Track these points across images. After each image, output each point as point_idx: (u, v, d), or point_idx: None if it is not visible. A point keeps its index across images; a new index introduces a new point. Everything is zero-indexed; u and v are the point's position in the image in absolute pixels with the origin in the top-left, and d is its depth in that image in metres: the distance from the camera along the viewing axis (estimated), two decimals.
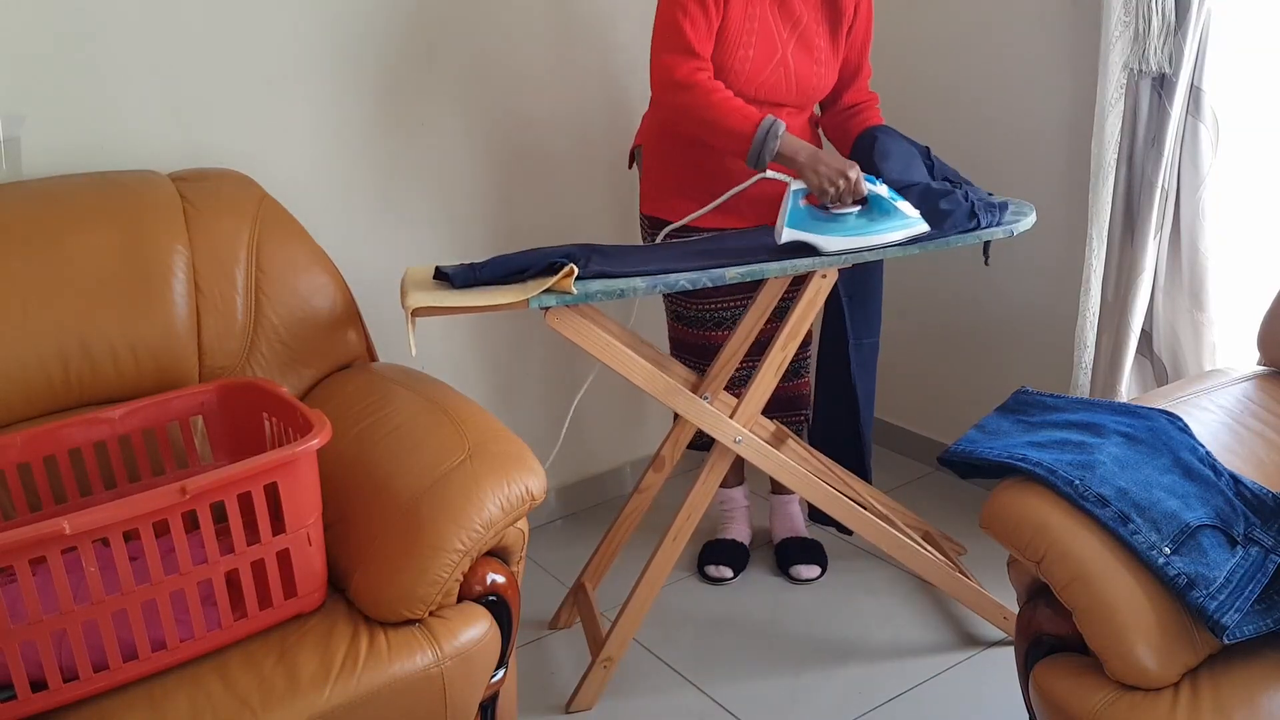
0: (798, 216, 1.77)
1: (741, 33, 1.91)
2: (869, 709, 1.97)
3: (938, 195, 1.86)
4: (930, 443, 2.78)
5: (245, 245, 1.83)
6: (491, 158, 2.37)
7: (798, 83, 1.98)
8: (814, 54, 1.99)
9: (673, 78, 1.86)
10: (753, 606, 2.28)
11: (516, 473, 1.55)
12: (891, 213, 1.78)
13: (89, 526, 1.28)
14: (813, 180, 1.78)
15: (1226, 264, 2.03)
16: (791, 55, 1.95)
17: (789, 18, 1.94)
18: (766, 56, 1.93)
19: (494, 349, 2.49)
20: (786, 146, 1.82)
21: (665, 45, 1.88)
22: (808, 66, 1.98)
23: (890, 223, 1.78)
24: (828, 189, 1.78)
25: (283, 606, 1.49)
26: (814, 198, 1.80)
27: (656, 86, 1.90)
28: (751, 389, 1.96)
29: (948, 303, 2.68)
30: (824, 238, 1.77)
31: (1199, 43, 1.93)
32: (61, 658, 1.33)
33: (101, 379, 1.71)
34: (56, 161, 1.86)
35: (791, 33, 1.94)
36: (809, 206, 1.79)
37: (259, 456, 1.41)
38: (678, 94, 1.87)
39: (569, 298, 1.69)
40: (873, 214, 1.78)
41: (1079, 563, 1.33)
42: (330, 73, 2.12)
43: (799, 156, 1.81)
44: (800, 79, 1.97)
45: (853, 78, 2.10)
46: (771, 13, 1.93)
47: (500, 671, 1.60)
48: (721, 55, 1.91)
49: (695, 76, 1.85)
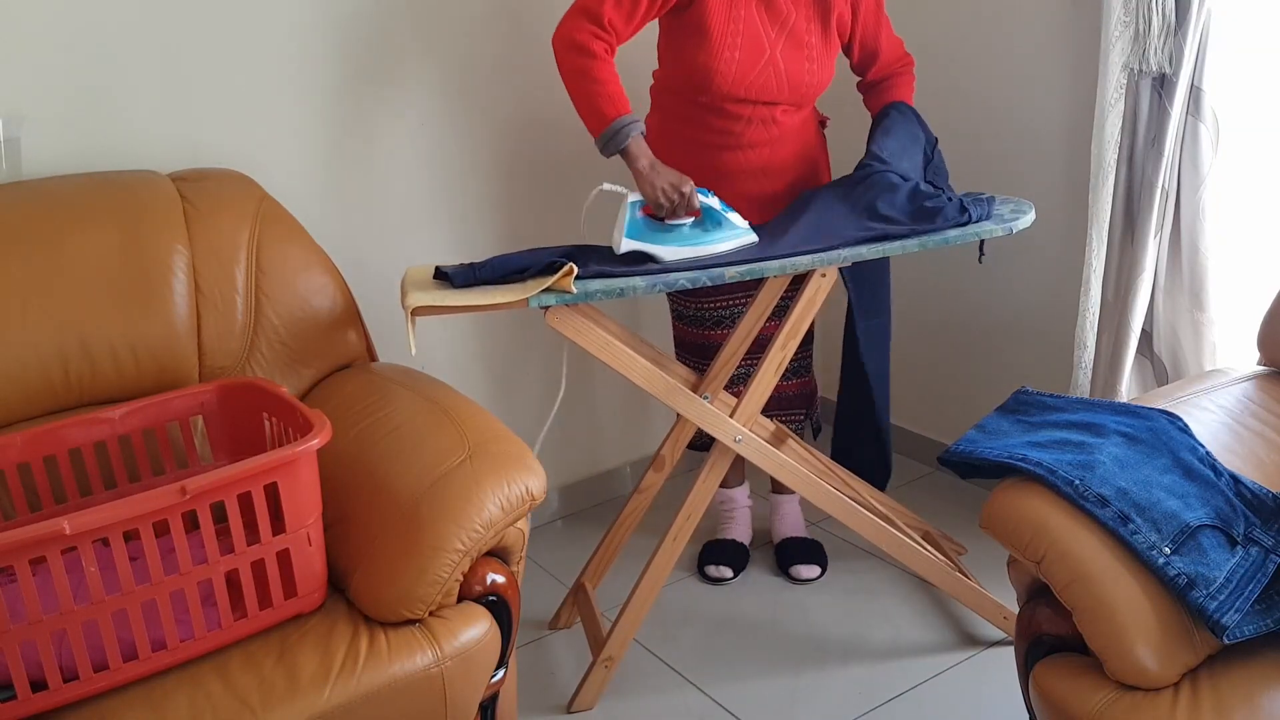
0: (635, 227, 1.84)
1: (726, 34, 1.90)
2: (869, 709, 1.97)
3: (924, 196, 1.88)
4: (930, 443, 2.78)
5: (245, 245, 1.83)
6: (492, 158, 2.37)
7: (789, 81, 1.97)
8: (805, 51, 1.98)
9: (573, 38, 1.86)
10: (753, 606, 2.28)
11: (516, 473, 1.55)
12: (723, 224, 1.85)
13: (89, 526, 1.28)
14: (648, 192, 1.86)
15: (1226, 264, 2.03)
16: (781, 55, 1.95)
17: (776, 18, 1.94)
18: (754, 57, 1.93)
19: (494, 349, 2.49)
20: (630, 152, 1.88)
21: (583, 3, 1.87)
22: (799, 65, 1.97)
23: (721, 233, 1.85)
24: (662, 201, 1.85)
25: (283, 606, 1.49)
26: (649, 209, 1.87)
27: (556, 39, 1.89)
28: (751, 388, 1.96)
29: (948, 303, 2.68)
30: (661, 247, 1.82)
31: (1199, 43, 1.93)
32: (61, 658, 1.33)
33: (101, 379, 1.71)
34: (56, 161, 1.86)
35: (780, 32, 1.94)
36: (645, 218, 1.86)
37: (259, 456, 1.41)
38: (570, 55, 1.87)
39: (569, 297, 1.69)
40: (705, 225, 1.85)
41: (1079, 563, 1.33)
42: (330, 72, 2.12)
43: (638, 164, 1.88)
44: (792, 77, 1.97)
45: (872, 58, 2.10)
46: (758, 14, 1.93)
47: (500, 671, 1.60)
48: (706, 57, 1.91)
49: (593, 45, 1.86)
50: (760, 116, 1.98)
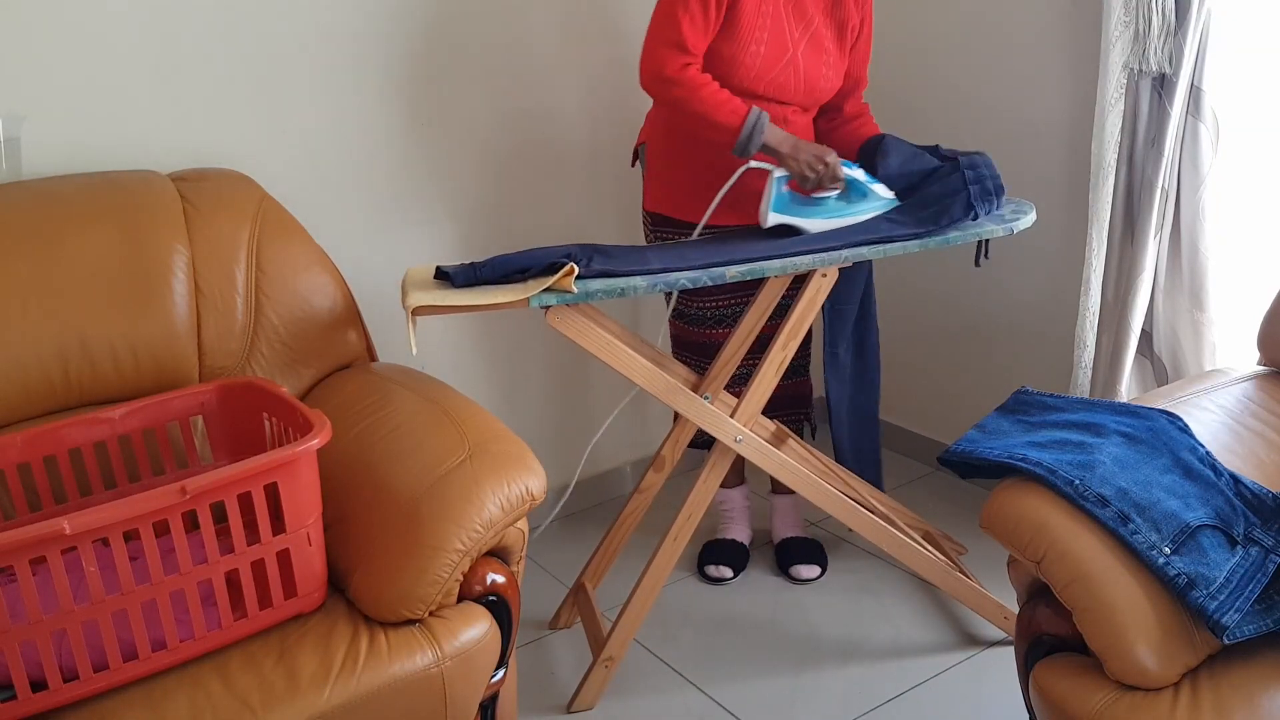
0: (781, 202, 1.89)
1: (754, 28, 1.92)
2: (869, 709, 1.97)
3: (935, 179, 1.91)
4: (930, 443, 2.78)
5: (245, 245, 1.83)
6: (492, 157, 2.37)
7: (806, 82, 1.99)
8: (823, 56, 2.00)
9: (663, 73, 1.89)
10: (753, 606, 2.29)
11: (516, 473, 1.55)
12: (868, 194, 1.90)
13: (89, 526, 1.28)
14: (794, 167, 1.88)
15: (1226, 264, 2.03)
16: (802, 55, 1.97)
17: (801, 18, 1.96)
18: (777, 54, 1.94)
19: (494, 349, 2.49)
20: (770, 137, 1.89)
21: (661, 38, 1.90)
22: (817, 68, 1.99)
23: (867, 204, 1.89)
24: (808, 174, 1.88)
25: (283, 606, 1.49)
26: (795, 183, 1.90)
27: (645, 77, 1.93)
28: (752, 388, 1.96)
29: (948, 302, 2.68)
30: (807, 220, 1.88)
31: (1199, 43, 1.93)
32: (61, 658, 1.33)
33: (101, 379, 1.71)
34: (56, 161, 1.86)
35: (803, 33, 1.96)
36: (791, 192, 1.90)
37: (259, 456, 1.41)
38: (667, 88, 1.90)
39: (569, 297, 1.69)
40: (850, 196, 1.90)
41: (1079, 563, 1.33)
42: (330, 72, 2.12)
43: (782, 146, 1.90)
44: (809, 79, 1.99)
45: (854, 88, 2.14)
46: (785, 11, 1.95)
47: (500, 671, 1.60)
48: (733, 49, 1.92)
49: (685, 73, 1.89)
50: (772, 116, 1.99)
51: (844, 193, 1.90)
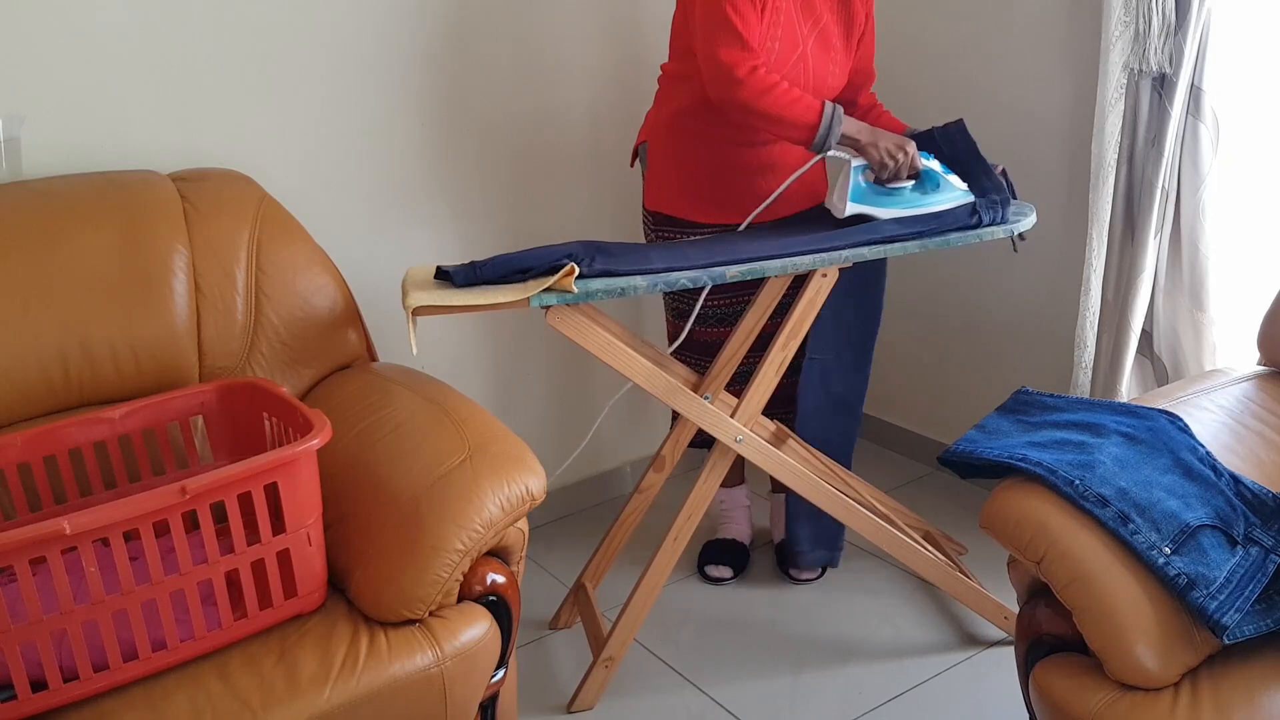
0: (859, 191, 1.90)
1: (772, 25, 1.92)
2: (869, 709, 1.97)
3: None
4: (930, 443, 2.78)
5: (245, 245, 1.83)
6: (492, 156, 2.36)
7: (815, 80, 1.99)
8: (830, 53, 2.00)
9: (734, 75, 1.84)
10: (753, 606, 2.28)
11: (516, 473, 1.55)
12: (942, 185, 1.90)
13: (89, 526, 1.28)
14: (874, 156, 1.88)
15: (1226, 264, 2.03)
16: (811, 52, 1.97)
17: (810, 15, 1.97)
18: (789, 50, 1.95)
19: (495, 349, 2.49)
20: (849, 127, 1.89)
21: (721, 41, 1.86)
22: (825, 65, 2.00)
23: (941, 195, 1.89)
24: (888, 164, 1.88)
25: (283, 606, 1.49)
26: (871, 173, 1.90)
27: (715, 84, 1.88)
28: (752, 388, 1.96)
29: (948, 303, 2.68)
30: (884, 210, 1.89)
31: (1199, 43, 1.93)
32: (61, 658, 1.33)
33: (101, 379, 1.71)
34: (56, 161, 1.86)
35: (812, 30, 1.96)
36: (868, 182, 1.91)
37: (259, 456, 1.41)
38: (739, 91, 1.85)
39: (570, 296, 1.69)
40: (925, 187, 1.91)
41: (1079, 563, 1.33)
42: (330, 72, 2.12)
43: (861, 135, 1.89)
44: (818, 76, 1.99)
45: (865, 82, 2.14)
46: (795, 8, 1.95)
47: (500, 671, 1.60)
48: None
49: (755, 74, 1.85)
50: None
51: (919, 183, 1.90)
